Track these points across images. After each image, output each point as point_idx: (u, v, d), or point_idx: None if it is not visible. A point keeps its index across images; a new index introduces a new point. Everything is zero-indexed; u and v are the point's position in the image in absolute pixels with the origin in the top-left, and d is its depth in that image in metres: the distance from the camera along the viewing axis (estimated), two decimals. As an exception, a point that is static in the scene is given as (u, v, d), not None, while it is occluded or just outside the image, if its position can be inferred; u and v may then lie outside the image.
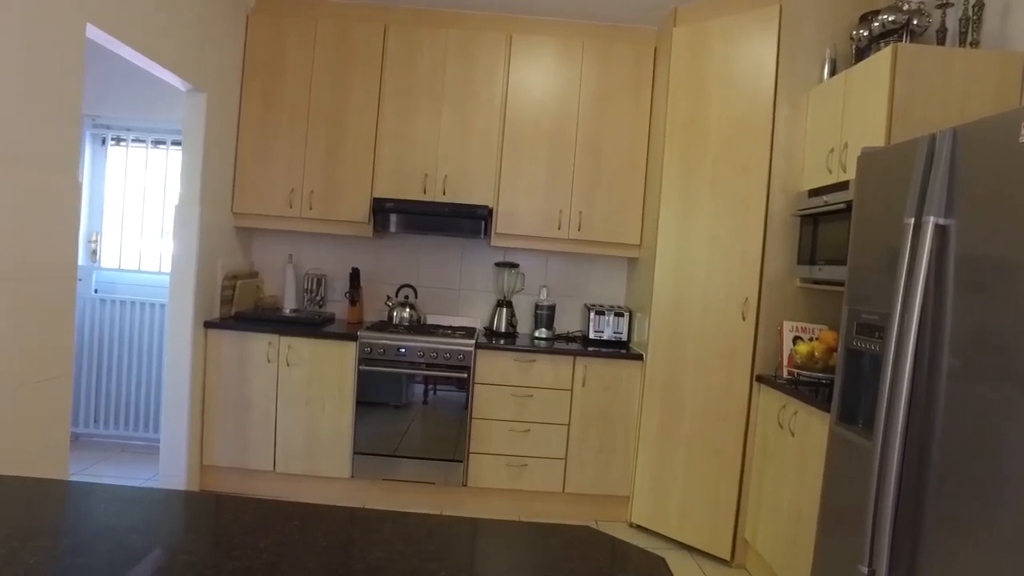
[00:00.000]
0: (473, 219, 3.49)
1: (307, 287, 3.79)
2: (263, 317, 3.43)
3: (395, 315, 3.66)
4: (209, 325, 3.27)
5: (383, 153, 3.55)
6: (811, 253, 2.66)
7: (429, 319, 3.89)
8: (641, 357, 3.30)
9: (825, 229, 2.57)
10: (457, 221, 3.50)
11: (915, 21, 2.49)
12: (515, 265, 3.84)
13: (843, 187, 2.41)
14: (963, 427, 1.51)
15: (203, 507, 1.08)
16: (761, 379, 2.79)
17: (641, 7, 3.37)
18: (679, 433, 3.09)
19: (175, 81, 2.94)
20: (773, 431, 2.67)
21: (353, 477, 3.31)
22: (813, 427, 2.34)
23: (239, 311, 3.50)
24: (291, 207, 3.53)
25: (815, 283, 2.76)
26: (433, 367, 3.29)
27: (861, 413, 1.99)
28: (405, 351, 3.29)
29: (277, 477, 3.34)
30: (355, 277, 3.74)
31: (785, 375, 2.70)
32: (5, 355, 1.97)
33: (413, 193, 3.55)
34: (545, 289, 3.82)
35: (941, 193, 1.64)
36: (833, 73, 2.74)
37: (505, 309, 3.75)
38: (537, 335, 3.68)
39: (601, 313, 3.57)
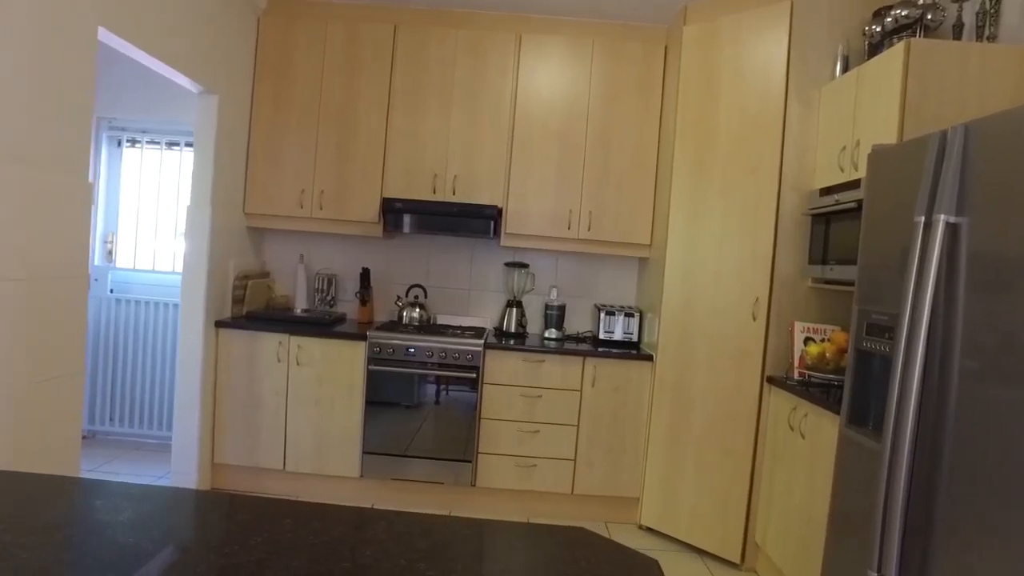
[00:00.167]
0: (482, 219, 3.48)
1: (318, 287, 3.81)
2: (274, 317, 3.46)
3: (405, 315, 3.67)
4: (220, 325, 3.30)
5: (393, 153, 3.56)
6: (823, 253, 2.62)
7: (439, 319, 3.89)
8: (651, 358, 3.27)
9: (837, 228, 2.53)
10: (466, 221, 3.50)
11: (929, 16, 2.44)
12: (525, 265, 3.83)
13: (855, 185, 2.37)
14: (975, 429, 1.47)
15: (198, 504, 1.09)
16: (772, 380, 2.76)
17: (651, 5, 3.35)
18: (689, 434, 3.06)
19: (187, 83, 2.97)
20: (783, 433, 2.63)
21: (362, 477, 3.32)
22: (824, 429, 2.30)
23: (250, 311, 3.53)
24: (302, 207, 3.55)
25: (827, 283, 2.72)
26: (442, 367, 3.29)
27: (871, 415, 1.95)
28: (414, 351, 3.30)
29: (287, 476, 3.37)
30: (365, 277, 3.76)
31: (796, 376, 2.66)
32: (18, 353, 2.00)
33: (423, 193, 3.56)
34: (555, 289, 3.80)
35: (952, 190, 1.61)
36: (846, 70, 2.70)
37: (515, 309, 3.74)
38: (547, 335, 3.66)
39: (611, 313, 3.55)
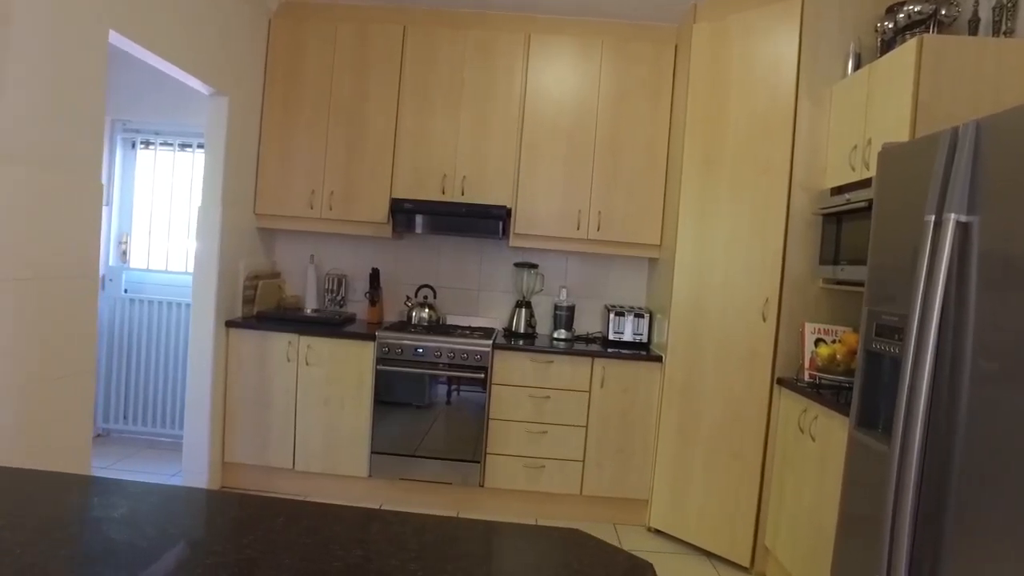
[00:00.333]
0: (491, 219, 3.47)
1: (328, 287, 3.83)
2: (284, 317, 3.48)
3: (414, 315, 3.67)
4: (231, 324, 3.32)
5: (402, 154, 3.57)
6: (834, 253, 2.58)
7: (449, 319, 3.89)
8: (660, 359, 3.24)
9: (848, 228, 2.49)
10: (475, 221, 3.50)
11: (943, 11, 2.40)
12: (534, 265, 3.82)
13: (866, 185, 2.34)
14: (986, 432, 1.44)
15: (194, 503, 1.09)
16: (782, 382, 2.72)
17: (660, 4, 3.32)
18: (698, 436, 3.03)
19: (197, 85, 3.00)
20: (793, 435, 2.60)
21: (371, 476, 3.32)
22: (834, 432, 2.27)
23: (261, 311, 3.56)
24: (311, 208, 3.57)
25: (838, 284, 2.68)
26: (450, 368, 3.29)
27: (881, 418, 1.92)
28: (423, 351, 3.30)
29: (296, 475, 3.38)
30: (375, 277, 3.77)
31: (806, 378, 2.63)
32: (29, 351, 2.03)
33: (432, 194, 3.56)
34: (564, 290, 3.79)
35: (963, 189, 1.57)
36: (858, 67, 2.66)
37: (524, 310, 3.73)
38: (556, 336, 3.65)
39: (621, 314, 3.53)
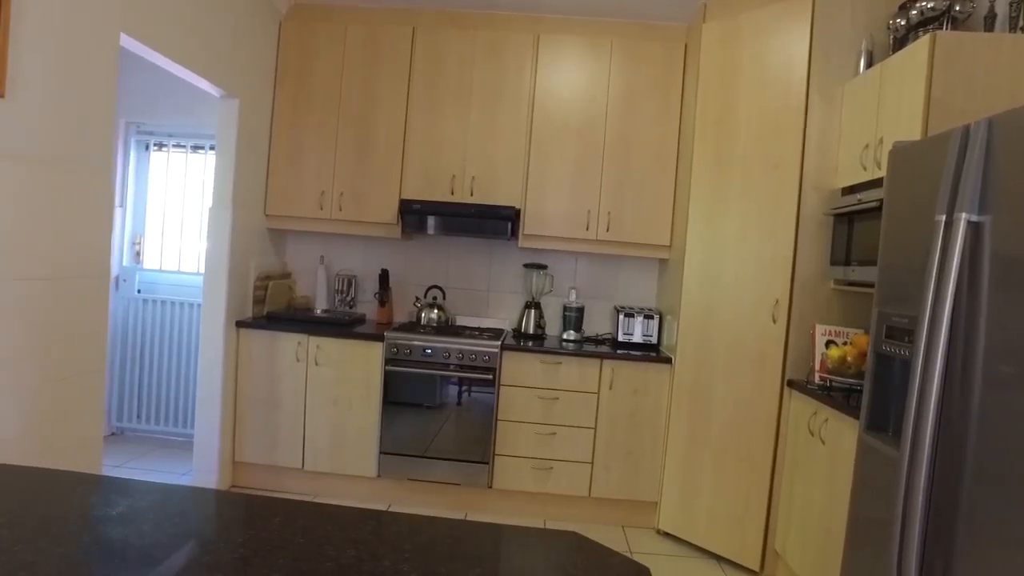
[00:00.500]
0: (500, 220, 3.47)
1: (338, 288, 3.85)
2: (294, 317, 3.50)
3: (423, 316, 3.68)
4: (241, 325, 3.35)
5: (411, 155, 3.57)
6: (845, 254, 2.55)
7: (458, 320, 3.89)
8: (669, 360, 3.22)
9: (860, 228, 2.46)
10: (484, 222, 3.49)
11: (958, 7, 2.36)
12: (544, 266, 3.81)
13: (878, 184, 2.30)
14: (999, 436, 1.41)
15: (192, 501, 1.09)
16: (792, 384, 2.69)
17: (670, 3, 3.31)
18: (708, 439, 3.01)
19: (208, 87, 3.03)
20: (804, 438, 2.56)
21: (379, 477, 3.33)
22: (844, 435, 2.24)
23: (271, 311, 3.58)
24: (321, 209, 3.59)
25: (849, 285, 2.64)
26: (459, 368, 3.29)
27: (891, 421, 1.89)
28: (431, 352, 3.30)
29: (306, 475, 3.40)
30: (384, 278, 3.78)
31: (817, 380, 2.59)
32: (40, 350, 2.05)
33: (441, 194, 3.57)
34: (574, 291, 3.77)
35: (974, 188, 1.54)
36: (870, 65, 2.62)
37: (533, 311, 3.72)
38: (565, 337, 3.64)
39: (630, 315, 3.51)
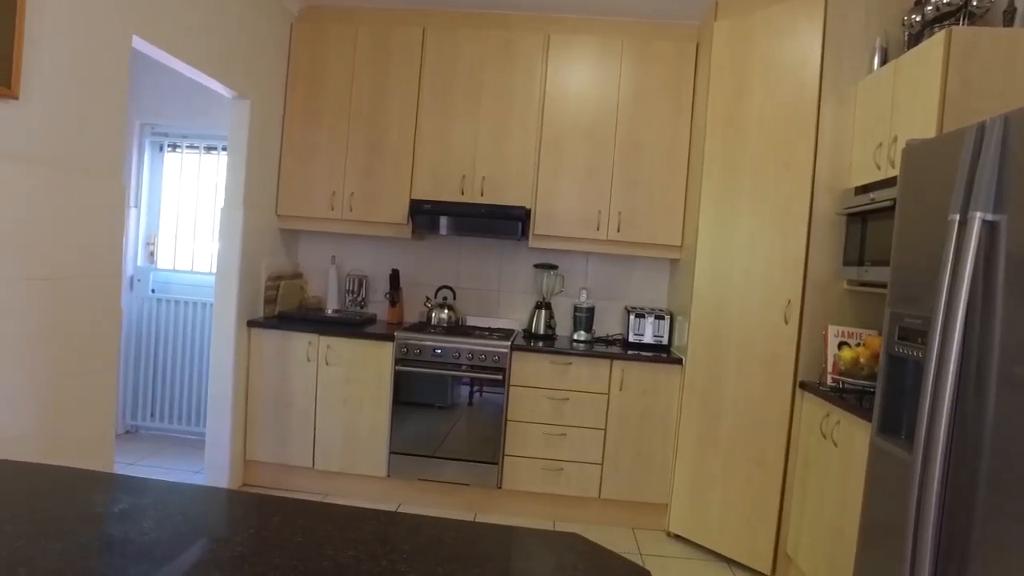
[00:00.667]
0: (511, 220, 3.46)
1: (349, 288, 3.86)
2: (305, 317, 3.52)
3: (433, 316, 3.68)
4: (252, 324, 3.37)
5: (421, 155, 3.58)
6: (859, 254, 2.51)
7: (469, 320, 3.89)
8: (680, 361, 3.19)
9: (873, 228, 2.42)
10: (495, 222, 3.49)
11: (974, 2, 2.31)
12: (554, 267, 3.80)
13: (892, 183, 2.26)
14: (1015, 440, 1.38)
15: (192, 499, 1.10)
16: (804, 386, 2.66)
17: (682, 2, 3.28)
18: (718, 440, 2.98)
19: (220, 89, 3.05)
20: (816, 441, 2.53)
21: (389, 476, 3.34)
22: (856, 438, 2.20)
23: (283, 311, 3.60)
24: (332, 209, 3.61)
25: (862, 285, 2.60)
26: (469, 368, 3.29)
27: (904, 424, 1.85)
28: (441, 352, 3.30)
29: (316, 474, 3.41)
30: (395, 278, 3.79)
31: (829, 382, 2.56)
32: (53, 350, 2.08)
33: (451, 194, 3.57)
34: (585, 291, 3.75)
35: (989, 186, 1.51)
36: (884, 63, 2.58)
37: (544, 311, 3.71)
38: (576, 338, 3.62)
39: (641, 316, 3.48)
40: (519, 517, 3.32)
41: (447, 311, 3.69)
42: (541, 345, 3.34)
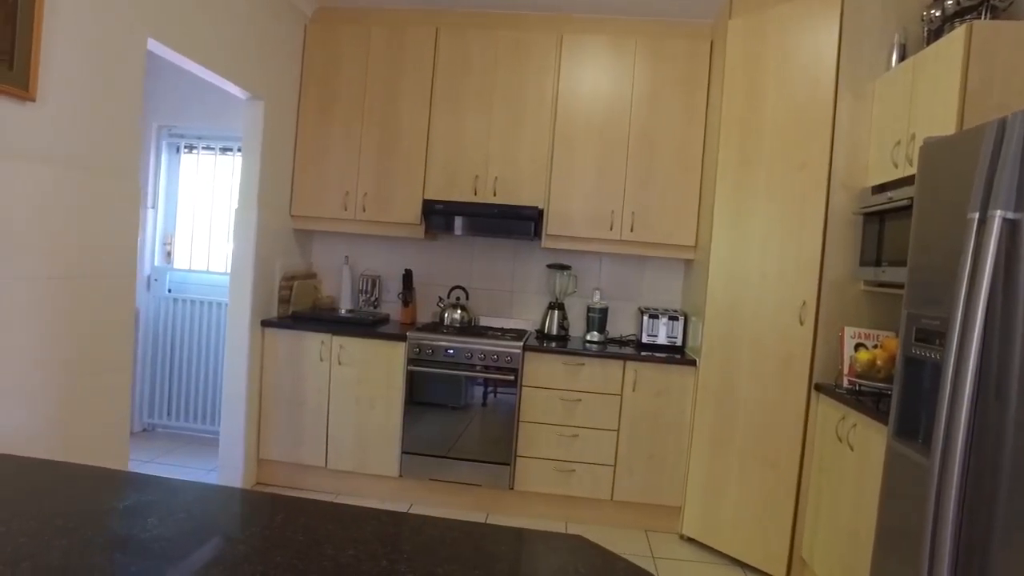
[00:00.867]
0: (524, 220, 3.45)
1: (362, 288, 3.88)
2: (318, 317, 3.53)
3: (446, 316, 3.68)
4: (266, 324, 3.39)
5: (434, 155, 3.58)
6: (876, 254, 2.46)
7: (482, 321, 3.88)
8: (694, 362, 3.16)
9: (891, 228, 2.37)
10: (508, 222, 3.48)
11: (996, -3, 2.26)
12: (567, 267, 3.78)
13: (910, 182, 2.22)
14: (1034, 446, 1.34)
15: (196, 497, 1.10)
16: (819, 388, 2.61)
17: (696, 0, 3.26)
18: (732, 442, 2.94)
19: (234, 90, 3.08)
20: (831, 443, 2.49)
21: (401, 476, 3.34)
22: (873, 441, 2.16)
23: (296, 311, 3.62)
24: (346, 209, 3.62)
25: (880, 286, 2.56)
26: (482, 369, 3.28)
27: (921, 428, 1.81)
28: (453, 352, 3.30)
29: (329, 473, 3.43)
30: (408, 278, 3.79)
31: (845, 384, 2.51)
32: (69, 349, 2.11)
33: (464, 195, 3.56)
34: (598, 291, 3.73)
35: (1010, 184, 1.47)
36: (903, 59, 2.53)
37: (557, 311, 3.69)
38: (589, 338, 3.60)
39: (655, 317, 3.45)
40: (531, 518, 3.31)
41: (460, 311, 3.69)
42: (554, 346, 3.32)
